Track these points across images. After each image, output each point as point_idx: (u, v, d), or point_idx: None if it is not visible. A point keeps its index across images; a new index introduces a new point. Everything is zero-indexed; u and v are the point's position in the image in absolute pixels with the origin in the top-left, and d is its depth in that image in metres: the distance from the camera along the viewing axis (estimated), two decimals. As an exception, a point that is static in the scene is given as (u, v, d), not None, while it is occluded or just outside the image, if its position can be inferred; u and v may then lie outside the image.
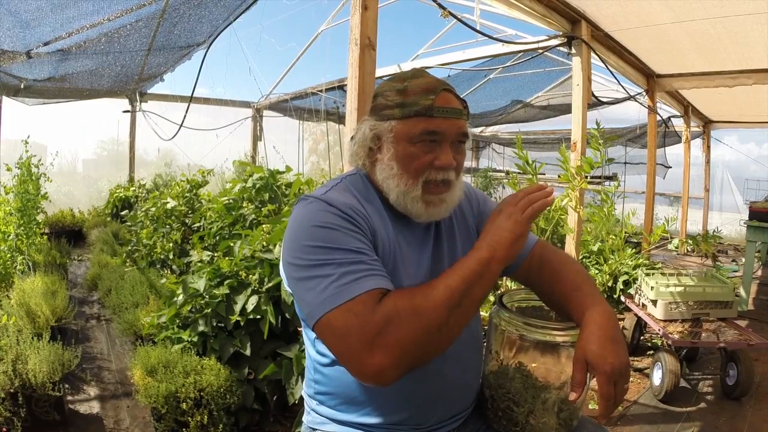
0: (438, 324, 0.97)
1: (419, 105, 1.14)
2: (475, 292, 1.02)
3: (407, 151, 1.15)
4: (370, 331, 0.95)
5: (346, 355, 0.98)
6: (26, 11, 3.66)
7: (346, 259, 1.02)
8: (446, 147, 1.16)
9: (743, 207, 9.31)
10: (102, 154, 12.47)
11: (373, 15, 2.39)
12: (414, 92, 1.15)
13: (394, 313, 0.96)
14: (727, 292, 3.41)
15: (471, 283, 1.01)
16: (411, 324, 0.95)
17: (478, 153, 14.87)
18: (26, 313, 3.20)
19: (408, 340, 0.95)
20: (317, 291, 1.01)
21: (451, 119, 1.15)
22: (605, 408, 1.00)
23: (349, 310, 0.97)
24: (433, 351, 0.99)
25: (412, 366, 0.98)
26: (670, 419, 2.89)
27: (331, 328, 0.99)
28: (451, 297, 0.98)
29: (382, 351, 0.94)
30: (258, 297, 2.56)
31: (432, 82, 1.17)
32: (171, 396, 2.25)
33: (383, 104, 1.19)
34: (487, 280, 1.04)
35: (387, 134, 1.18)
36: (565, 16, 3.97)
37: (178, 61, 6.38)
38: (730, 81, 5.48)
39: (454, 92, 1.20)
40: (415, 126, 1.14)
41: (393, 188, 1.17)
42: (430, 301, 0.98)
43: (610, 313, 1.10)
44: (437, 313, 0.97)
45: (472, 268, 1.03)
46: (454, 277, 1.01)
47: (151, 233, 4.90)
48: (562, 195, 3.44)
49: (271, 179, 4.01)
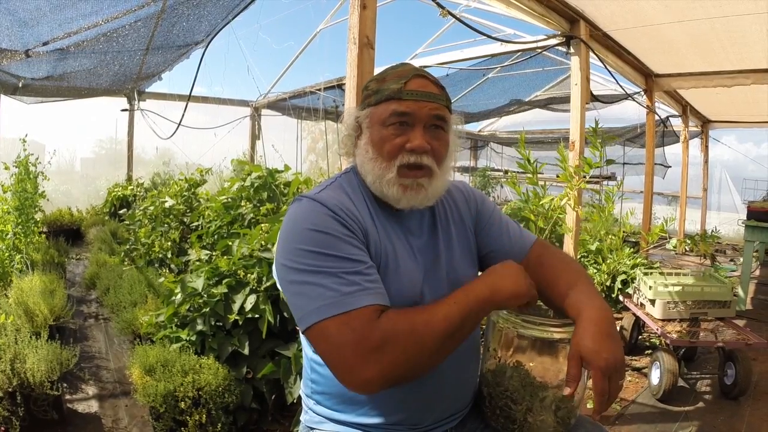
0: (431, 351, 1.01)
1: (390, 89, 1.17)
2: (468, 326, 1.07)
3: (380, 134, 1.18)
4: (366, 347, 0.97)
5: (338, 365, 1.00)
6: (24, 10, 3.65)
7: (342, 268, 1.03)
8: (418, 130, 1.17)
9: (741, 207, 9.34)
10: (100, 153, 12.42)
11: (371, 14, 2.39)
12: (389, 79, 1.20)
13: (392, 335, 0.98)
14: (725, 292, 3.41)
15: (466, 318, 1.05)
16: (408, 348, 0.99)
17: (477, 152, 14.88)
18: (24, 311, 3.20)
19: (402, 360, 0.98)
20: (311, 297, 1.02)
21: (421, 101, 1.16)
22: (600, 404, 1.01)
23: (345, 324, 0.98)
24: (420, 373, 1.03)
25: (398, 382, 1.01)
26: (668, 419, 2.89)
27: (324, 337, 1.01)
28: (447, 328, 1.02)
29: (375, 367, 0.97)
30: (256, 296, 2.56)
31: (407, 69, 1.21)
32: (169, 395, 2.25)
33: (365, 95, 1.25)
34: (480, 316, 1.09)
35: (364, 120, 1.22)
36: (564, 15, 3.97)
37: (177, 60, 6.38)
38: (728, 81, 5.49)
39: (430, 78, 1.22)
40: (386, 108, 1.17)
41: (369, 171, 1.19)
42: (429, 330, 1.01)
43: (606, 309, 1.10)
44: (434, 342, 1.01)
45: (470, 306, 1.06)
46: (455, 309, 1.04)
47: (149, 232, 4.90)
48: (561, 194, 3.44)
49: (270, 178, 4.01)
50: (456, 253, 1.28)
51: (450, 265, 1.25)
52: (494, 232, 1.36)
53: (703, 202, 10.19)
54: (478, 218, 1.38)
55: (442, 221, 1.30)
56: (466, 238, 1.33)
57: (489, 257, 1.35)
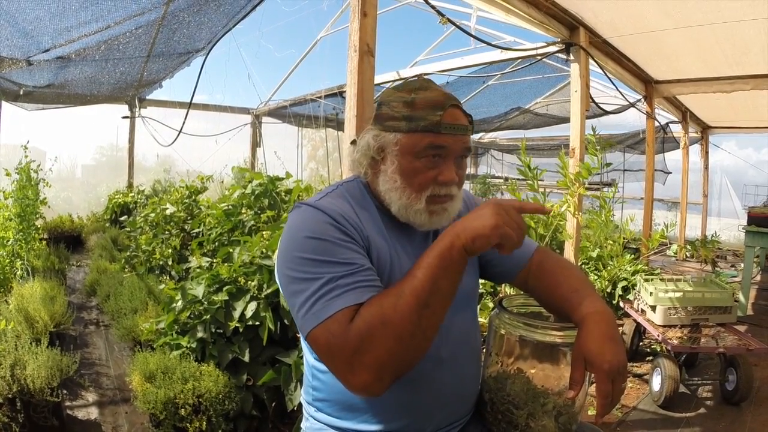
0: (410, 331, 0.96)
1: (427, 120, 1.12)
2: (442, 287, 0.99)
3: (412, 166, 1.14)
4: (347, 351, 0.96)
5: (334, 371, 1.01)
6: (25, 21, 3.67)
7: (334, 273, 1.02)
8: (450, 163, 1.15)
9: (742, 212, 9.32)
10: (101, 160, 12.44)
11: (372, 21, 2.40)
12: (421, 106, 1.13)
13: (365, 331, 0.95)
14: (726, 298, 3.41)
15: (435, 279, 0.98)
16: (383, 338, 0.95)
17: (477, 159, 14.90)
18: (25, 318, 3.19)
19: (383, 354, 0.95)
20: (304, 306, 1.02)
21: (457, 135, 1.14)
22: (602, 407, 1.01)
23: (327, 330, 0.98)
24: (413, 356, 0.99)
25: (397, 375, 0.98)
26: (670, 425, 2.88)
27: (317, 345, 1.01)
28: (417, 301, 0.96)
29: (362, 369, 0.96)
30: (257, 303, 2.55)
31: (440, 97, 1.14)
32: (169, 402, 2.24)
33: (389, 114, 1.17)
34: (451, 271, 0.99)
35: (392, 146, 1.16)
36: (563, 22, 3.99)
37: (178, 67, 6.41)
38: (727, 86, 5.51)
39: (461, 107, 1.18)
40: (421, 140, 1.12)
41: (395, 200, 1.17)
42: (399, 313, 0.96)
43: (608, 313, 1.11)
44: (409, 323, 0.96)
45: (433, 264, 0.99)
46: (419, 277, 0.98)
47: (150, 239, 4.89)
48: (561, 201, 3.45)
49: (271, 185, 4.01)
50: None
51: None
52: None
53: (703, 208, 10.18)
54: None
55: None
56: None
57: (490, 265, 1.36)
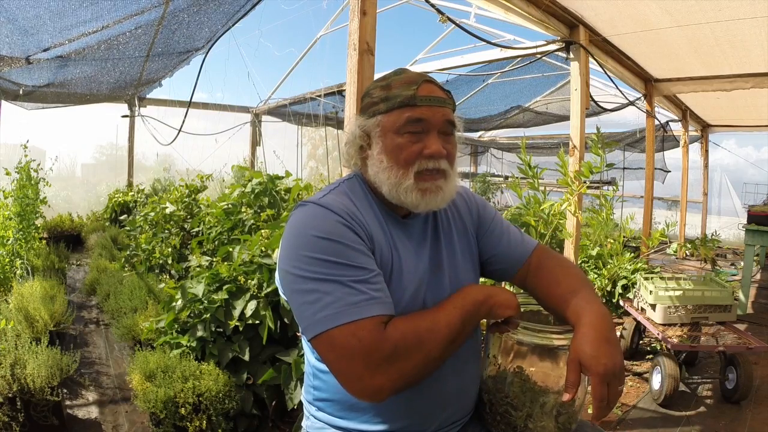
0: (436, 358, 1.04)
1: (402, 96, 1.16)
2: (467, 330, 1.10)
3: (395, 143, 1.17)
4: (377, 357, 0.99)
5: (346, 374, 1.01)
6: (24, 18, 3.66)
7: (349, 276, 1.03)
8: (434, 135, 1.17)
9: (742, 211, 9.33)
10: (101, 159, 12.47)
11: (371, 20, 2.40)
12: (397, 86, 1.18)
13: (402, 345, 1.00)
14: (726, 296, 3.41)
15: (466, 322, 1.09)
16: (416, 356, 1.01)
17: (477, 158, 14.89)
18: (25, 317, 3.19)
19: (409, 369, 1.01)
20: (319, 306, 1.02)
21: (434, 107, 1.17)
22: (598, 409, 1.01)
23: (353, 334, 0.99)
24: (424, 376, 1.06)
25: (406, 387, 1.04)
26: (670, 423, 2.88)
27: (332, 346, 1.01)
28: (450, 334, 1.05)
29: (384, 376, 0.99)
30: (257, 302, 2.56)
31: (413, 75, 1.20)
32: (169, 401, 2.24)
33: (369, 102, 1.22)
34: (475, 320, 1.12)
35: (375, 129, 1.20)
36: (563, 20, 3.98)
37: (177, 66, 6.40)
38: (728, 85, 5.50)
39: (436, 83, 1.22)
40: (399, 116, 1.16)
41: (384, 181, 1.18)
42: (434, 338, 1.03)
43: (605, 314, 1.10)
44: (438, 349, 1.04)
45: (467, 309, 1.09)
46: (455, 314, 1.08)
47: (149, 238, 4.89)
48: (561, 200, 3.44)
49: (270, 184, 4.01)
50: (458, 259, 1.29)
51: (452, 271, 1.26)
52: (495, 238, 1.37)
53: (703, 207, 10.18)
54: (479, 224, 1.38)
55: (444, 227, 1.31)
56: (468, 243, 1.34)
57: (490, 262, 1.36)
